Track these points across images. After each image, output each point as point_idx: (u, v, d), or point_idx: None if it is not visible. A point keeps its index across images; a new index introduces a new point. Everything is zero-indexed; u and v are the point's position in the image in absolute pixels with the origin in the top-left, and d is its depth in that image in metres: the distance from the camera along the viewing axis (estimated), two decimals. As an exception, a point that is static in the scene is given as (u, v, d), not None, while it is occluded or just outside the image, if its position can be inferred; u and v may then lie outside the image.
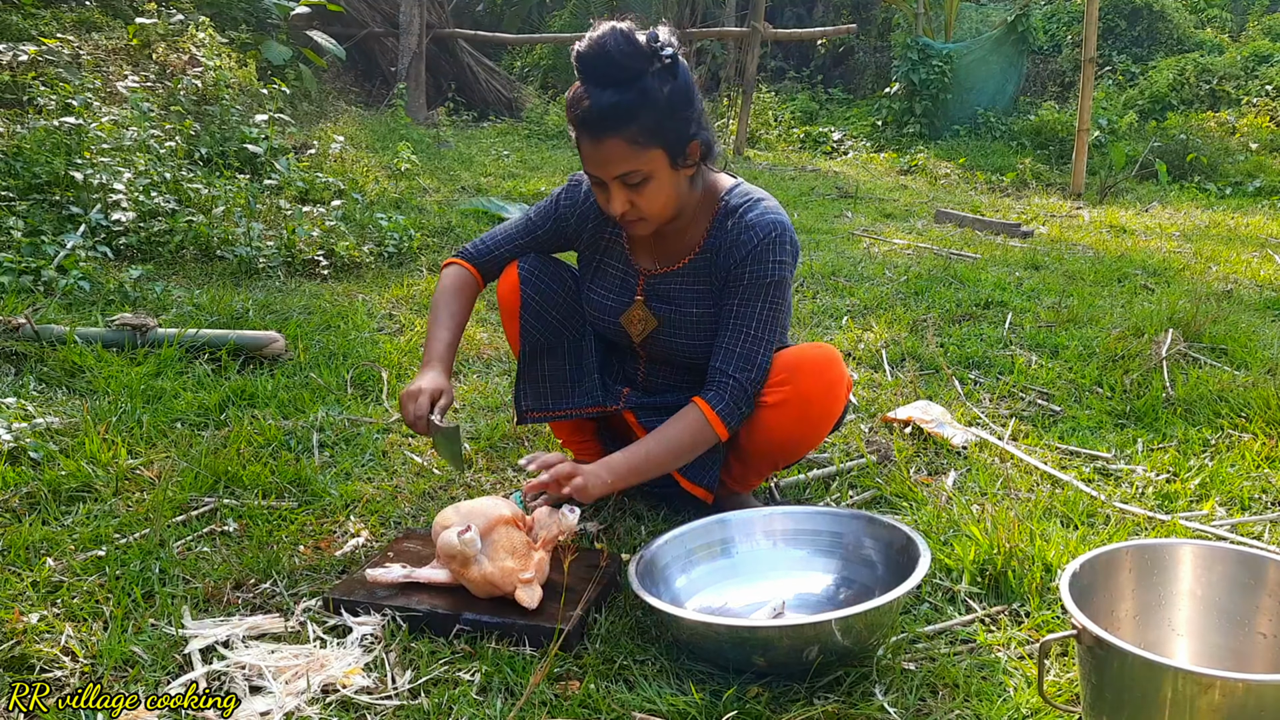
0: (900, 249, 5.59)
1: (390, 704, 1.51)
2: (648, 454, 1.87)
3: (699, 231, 2.00)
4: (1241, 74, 12.05)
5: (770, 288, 1.91)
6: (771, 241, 1.90)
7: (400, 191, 6.20)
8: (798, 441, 2.02)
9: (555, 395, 2.16)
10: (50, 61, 5.70)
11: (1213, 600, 1.56)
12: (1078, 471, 2.49)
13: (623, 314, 2.08)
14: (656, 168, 1.81)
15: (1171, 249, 5.88)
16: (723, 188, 2.00)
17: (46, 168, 4.24)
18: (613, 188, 1.83)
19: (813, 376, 1.94)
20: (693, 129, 1.83)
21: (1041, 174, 9.51)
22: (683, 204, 1.93)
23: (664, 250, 2.04)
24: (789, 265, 1.94)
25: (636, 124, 1.75)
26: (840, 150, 11.90)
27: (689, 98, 1.81)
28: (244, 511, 2.15)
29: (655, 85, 1.75)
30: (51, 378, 2.85)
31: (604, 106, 1.74)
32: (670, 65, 1.77)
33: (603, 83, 1.74)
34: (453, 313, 2.08)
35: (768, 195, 2.00)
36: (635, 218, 1.88)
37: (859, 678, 1.60)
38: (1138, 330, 3.65)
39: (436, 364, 2.01)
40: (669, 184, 1.85)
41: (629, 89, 1.73)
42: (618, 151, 1.77)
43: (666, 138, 1.79)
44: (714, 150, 1.94)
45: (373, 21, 11.96)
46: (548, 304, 2.12)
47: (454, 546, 1.72)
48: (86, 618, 1.71)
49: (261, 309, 3.68)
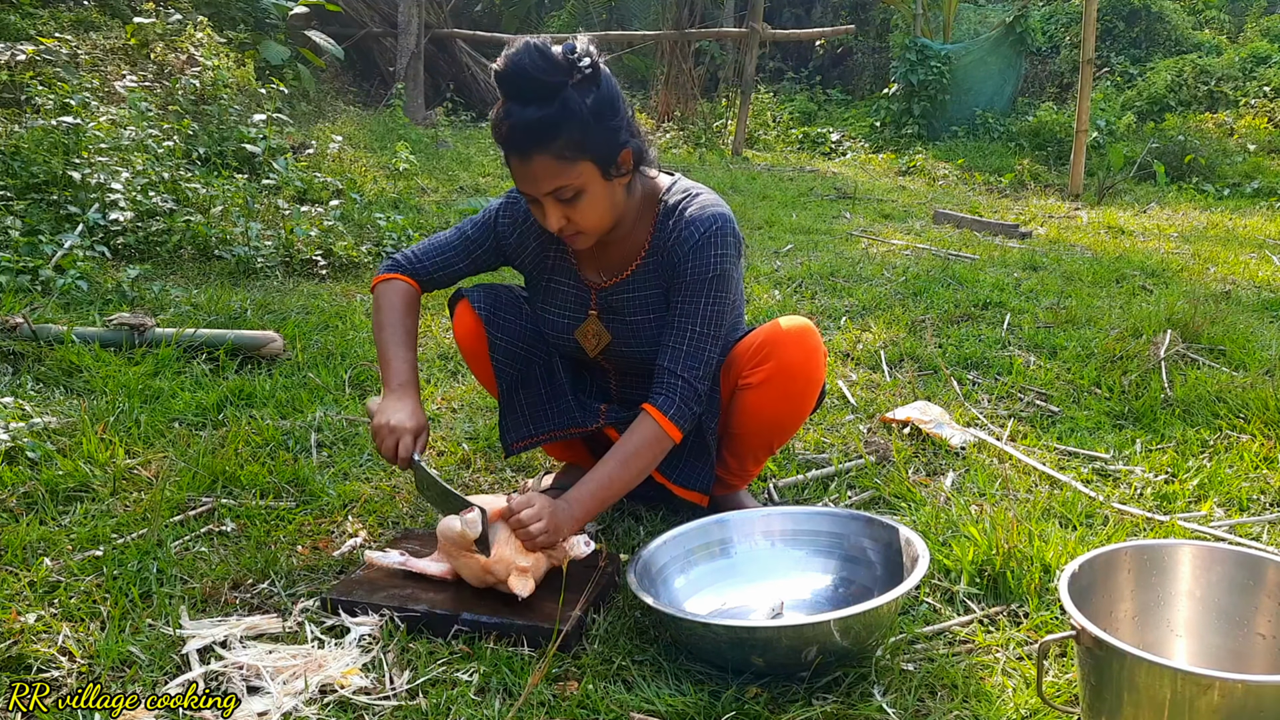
0: (898, 250, 5.59)
1: (388, 704, 1.50)
2: (610, 478, 1.84)
3: (642, 235, 1.97)
4: (1239, 75, 12.06)
5: (713, 282, 1.88)
6: (713, 235, 1.88)
7: (398, 191, 6.20)
8: (786, 417, 2.02)
9: (535, 420, 2.13)
10: (48, 61, 5.70)
11: (1212, 601, 1.56)
12: (1076, 472, 2.49)
13: (576, 329, 2.06)
14: (588, 180, 1.77)
15: (1170, 250, 5.88)
16: (661, 188, 1.98)
17: (44, 167, 4.24)
18: (546, 204, 1.79)
19: (792, 347, 1.95)
20: (622, 137, 1.80)
21: (1040, 175, 9.51)
22: (621, 213, 1.91)
23: (609, 261, 2.01)
24: (732, 258, 1.91)
25: (561, 138, 1.71)
26: (839, 151, 11.91)
27: (614, 107, 1.78)
28: (242, 511, 2.15)
29: (577, 98, 1.71)
30: (49, 377, 2.85)
31: (527, 123, 1.70)
32: (591, 76, 1.74)
33: (524, 100, 1.71)
34: (408, 329, 2.00)
35: (706, 189, 1.98)
36: (573, 232, 1.85)
37: (858, 678, 1.59)
38: (1136, 331, 3.65)
39: (409, 391, 1.92)
40: (603, 195, 1.82)
41: (550, 104, 1.70)
42: (546, 168, 1.74)
43: (594, 149, 1.75)
44: (647, 156, 1.91)
45: (371, 21, 11.95)
46: (514, 338, 2.09)
47: (454, 529, 1.73)
48: (84, 618, 1.71)
49: (259, 309, 3.68)
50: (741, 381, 2.00)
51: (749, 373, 1.98)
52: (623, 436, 1.87)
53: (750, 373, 1.97)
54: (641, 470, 1.87)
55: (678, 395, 1.85)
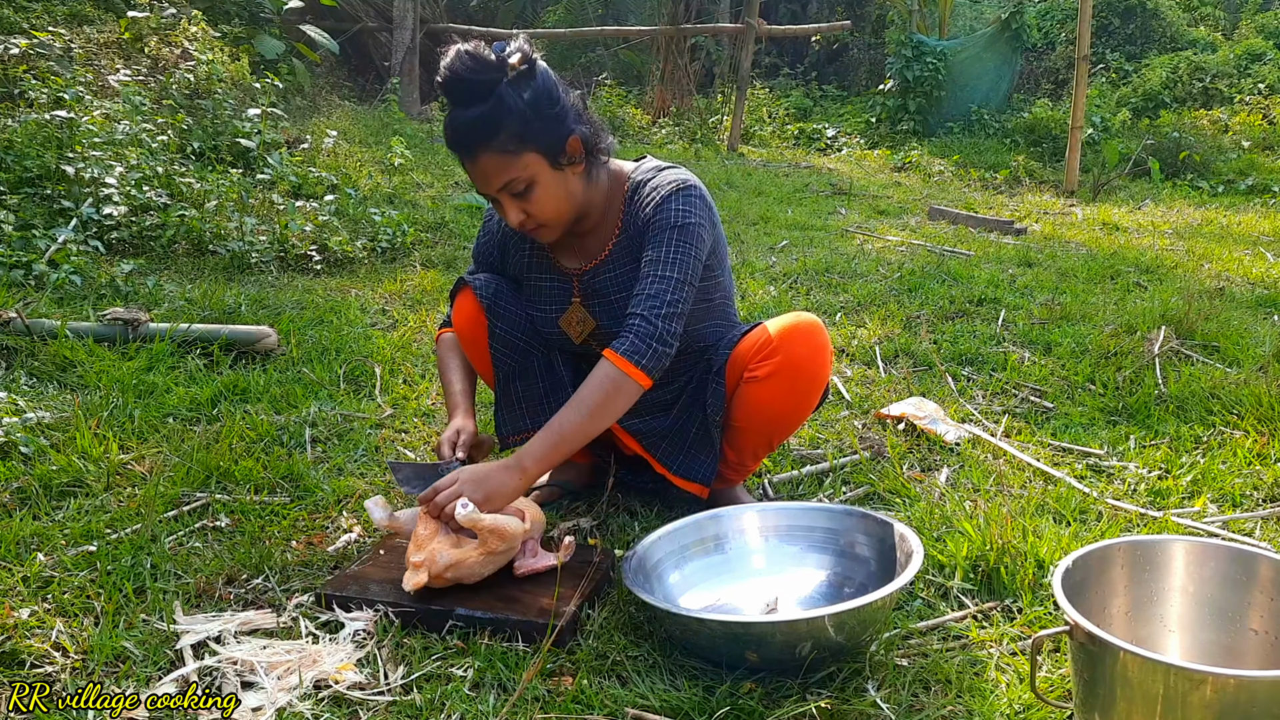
0: (894, 246, 5.59)
1: (383, 700, 1.50)
2: (562, 423, 1.80)
3: (614, 217, 2.01)
4: (1234, 72, 12.08)
5: (675, 230, 1.88)
6: (674, 192, 1.91)
7: (394, 186, 6.19)
8: (790, 412, 2.03)
9: (532, 415, 2.14)
10: (42, 55, 5.67)
11: (1205, 596, 1.56)
12: (1070, 468, 2.50)
13: (560, 318, 2.07)
14: (536, 171, 1.82)
15: (1164, 246, 5.90)
16: (628, 170, 2.03)
17: (38, 161, 4.22)
18: (503, 200, 1.85)
19: (800, 343, 1.96)
20: (566, 126, 1.84)
21: (1035, 171, 9.52)
22: (583, 202, 1.94)
23: (586, 248, 2.05)
24: (696, 214, 1.91)
25: (502, 133, 1.77)
26: (834, 147, 11.90)
27: (552, 97, 1.82)
28: (236, 507, 2.14)
29: (512, 93, 1.77)
30: (42, 372, 2.84)
31: (468, 123, 1.78)
32: (526, 71, 1.79)
33: (464, 103, 1.78)
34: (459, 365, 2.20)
35: (677, 165, 2.01)
36: (534, 225, 1.89)
37: (852, 673, 1.60)
38: (1130, 327, 3.66)
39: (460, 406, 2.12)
40: (555, 185, 1.85)
41: (485, 101, 1.77)
42: (492, 164, 1.79)
43: (536, 139, 1.80)
44: (601, 142, 1.94)
45: (366, 16, 11.92)
46: (513, 328, 2.11)
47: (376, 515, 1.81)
48: (77, 613, 1.70)
49: (254, 304, 3.67)
50: (747, 374, 2.00)
51: (755, 366, 1.98)
52: (581, 385, 1.84)
53: (756, 366, 1.98)
54: (598, 413, 1.80)
55: (633, 333, 1.83)
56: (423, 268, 4.58)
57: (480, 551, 1.72)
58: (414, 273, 4.47)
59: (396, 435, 2.63)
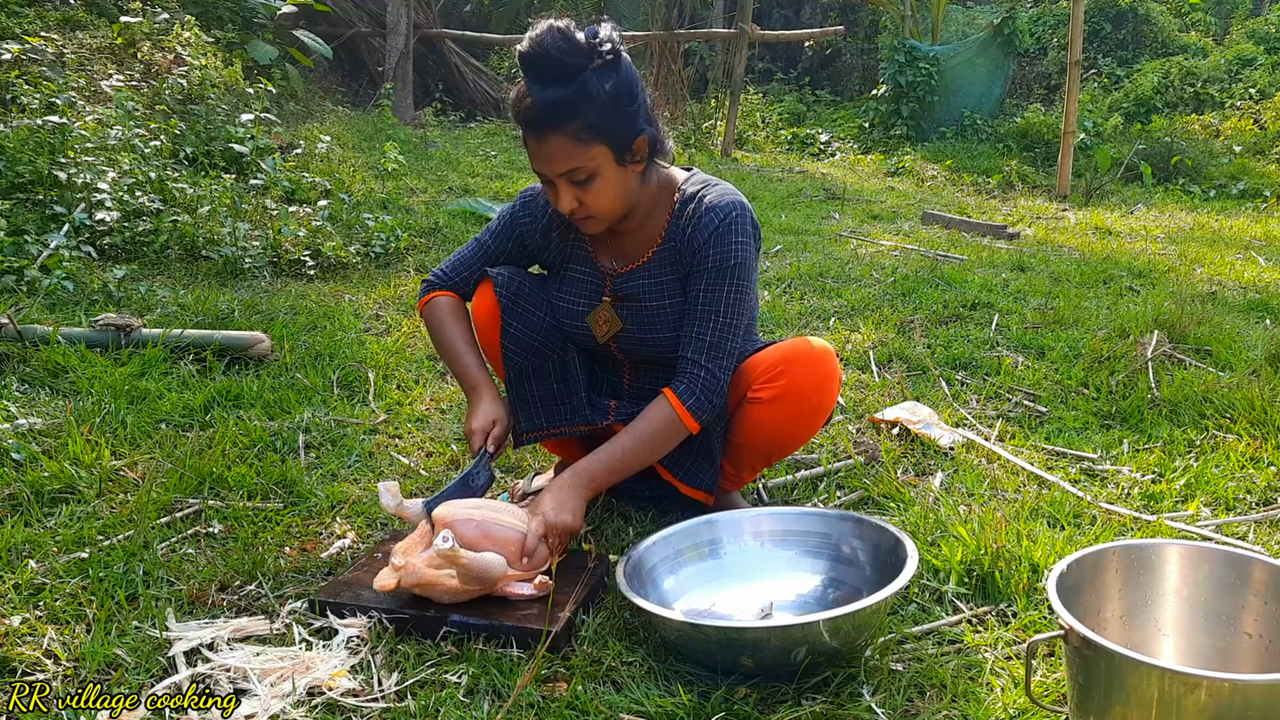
0: (887, 250, 5.60)
1: (376, 706, 1.50)
2: (624, 451, 1.87)
3: (659, 224, 2.00)
4: (1225, 77, 12.14)
5: (734, 270, 1.91)
6: (732, 222, 1.91)
7: (387, 191, 6.18)
8: (790, 436, 2.02)
9: (547, 415, 2.12)
10: (34, 60, 5.65)
11: (1199, 600, 1.56)
12: (1064, 472, 2.50)
13: (589, 315, 2.07)
14: (601, 164, 1.81)
15: (1156, 251, 5.92)
16: (679, 179, 2.02)
17: (30, 167, 4.20)
18: (559, 185, 1.83)
19: (808, 369, 1.95)
20: (638, 125, 1.83)
21: (1027, 176, 9.55)
22: (634, 202, 1.93)
23: (625, 249, 2.04)
24: (751, 246, 1.94)
25: (579, 119, 1.75)
26: (827, 152, 11.92)
27: (632, 93, 1.81)
28: (229, 513, 2.14)
29: (596, 81, 1.75)
30: (34, 378, 2.83)
31: (545, 103, 1.74)
32: (612, 61, 1.77)
33: (544, 80, 1.75)
34: (463, 335, 2.09)
35: (724, 181, 2.01)
36: (584, 215, 1.88)
37: (846, 678, 1.60)
38: (1123, 332, 3.67)
39: (481, 392, 2.05)
40: (615, 181, 1.85)
41: (569, 85, 1.74)
42: (561, 148, 1.77)
43: (610, 134, 1.79)
44: (663, 146, 1.94)
45: (359, 21, 11.91)
46: (529, 328, 2.08)
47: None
48: (69, 620, 1.70)
49: (247, 309, 3.66)
50: (751, 394, 1.99)
51: (760, 387, 1.97)
52: (639, 416, 1.88)
53: (761, 387, 1.97)
54: (654, 451, 1.88)
55: (699, 386, 1.87)
56: (416, 273, 4.57)
57: (455, 583, 1.69)
58: (407, 278, 4.46)
59: (390, 441, 2.63)
